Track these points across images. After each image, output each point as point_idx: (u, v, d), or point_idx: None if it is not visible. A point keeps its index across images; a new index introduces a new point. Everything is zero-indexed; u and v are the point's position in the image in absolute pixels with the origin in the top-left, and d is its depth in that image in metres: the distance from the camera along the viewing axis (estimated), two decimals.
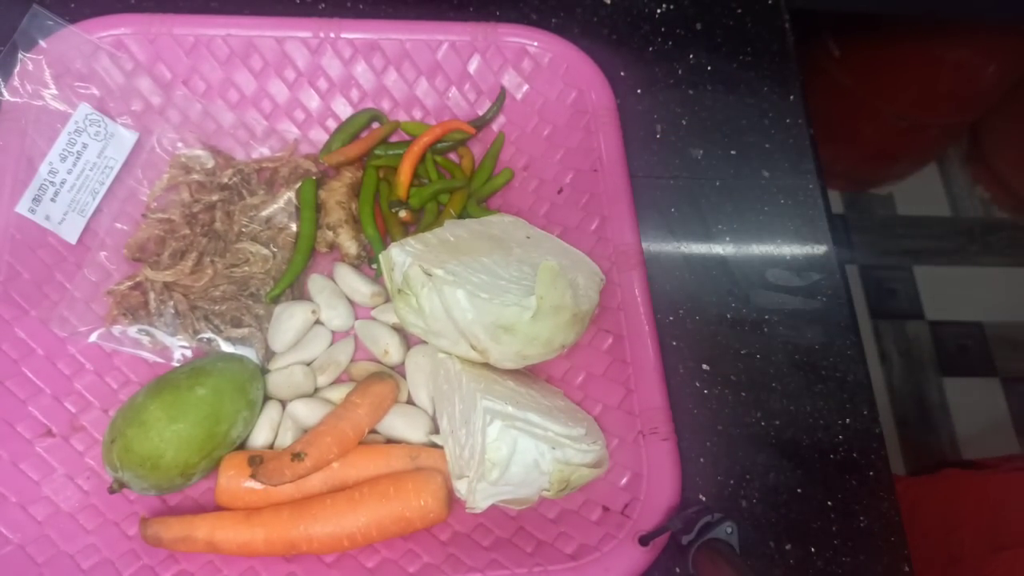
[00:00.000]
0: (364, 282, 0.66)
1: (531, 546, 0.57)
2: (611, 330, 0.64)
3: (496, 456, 0.51)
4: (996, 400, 1.67)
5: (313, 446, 0.56)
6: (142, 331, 0.62)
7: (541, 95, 0.74)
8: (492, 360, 0.56)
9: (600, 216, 0.68)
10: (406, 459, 0.59)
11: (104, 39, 0.67)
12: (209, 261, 0.64)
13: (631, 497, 0.58)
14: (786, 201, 0.76)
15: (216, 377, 0.57)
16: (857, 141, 1.70)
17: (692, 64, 0.81)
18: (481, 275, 0.55)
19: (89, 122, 0.64)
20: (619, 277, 0.65)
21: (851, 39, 1.53)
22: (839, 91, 1.59)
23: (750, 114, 0.80)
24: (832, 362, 0.70)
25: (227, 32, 0.69)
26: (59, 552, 0.55)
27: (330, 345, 0.65)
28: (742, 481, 0.64)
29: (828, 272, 0.74)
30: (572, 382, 0.64)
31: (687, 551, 0.53)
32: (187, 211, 0.65)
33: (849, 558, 0.63)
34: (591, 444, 0.55)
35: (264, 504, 0.56)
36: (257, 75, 0.71)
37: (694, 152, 0.77)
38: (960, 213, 1.87)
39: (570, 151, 0.72)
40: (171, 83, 0.69)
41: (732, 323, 0.70)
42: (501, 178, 0.72)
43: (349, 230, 0.67)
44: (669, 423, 0.60)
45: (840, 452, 0.66)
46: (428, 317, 0.55)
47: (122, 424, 0.54)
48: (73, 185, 0.63)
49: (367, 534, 0.55)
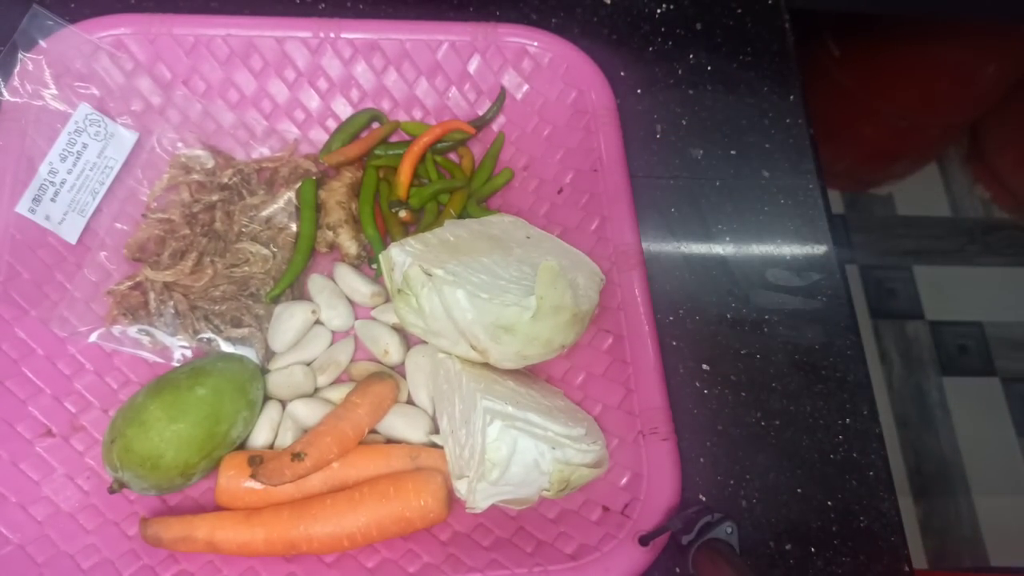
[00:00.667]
0: (364, 282, 0.66)
1: (531, 546, 0.57)
2: (611, 330, 0.64)
3: (496, 456, 0.51)
4: (996, 400, 1.67)
5: (313, 446, 0.56)
6: (142, 331, 0.62)
7: (541, 95, 0.74)
8: (492, 360, 0.56)
9: (600, 216, 0.68)
10: (406, 459, 0.59)
11: (104, 39, 0.67)
12: (209, 261, 0.64)
13: (631, 497, 0.58)
14: (786, 201, 0.76)
15: (216, 377, 0.57)
16: (857, 141, 1.70)
17: (692, 64, 0.81)
18: (481, 275, 0.55)
19: (89, 122, 0.64)
20: (619, 277, 0.65)
21: (851, 39, 1.53)
22: (839, 91, 1.59)
23: (750, 114, 0.80)
24: (832, 362, 0.70)
25: (227, 32, 0.69)
26: (59, 552, 0.55)
27: (330, 345, 0.65)
28: (742, 481, 0.64)
29: (828, 272, 0.74)
30: (572, 382, 0.64)
31: (687, 551, 0.53)
32: (187, 211, 0.65)
33: (849, 558, 0.63)
34: (591, 444, 0.55)
35: (264, 504, 0.56)
36: (257, 75, 0.71)
37: (694, 152, 0.77)
38: (960, 213, 1.87)
39: (570, 151, 0.72)
40: (171, 83, 0.69)
41: (732, 323, 0.70)
42: (501, 178, 0.72)
43: (349, 230, 0.67)
44: (669, 423, 0.60)
45: (840, 452, 0.66)
46: (428, 317, 0.55)
47: (122, 424, 0.54)
48: (73, 185, 0.63)
49: (367, 534, 0.55)
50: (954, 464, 1.58)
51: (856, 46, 1.54)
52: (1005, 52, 1.48)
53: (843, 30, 1.54)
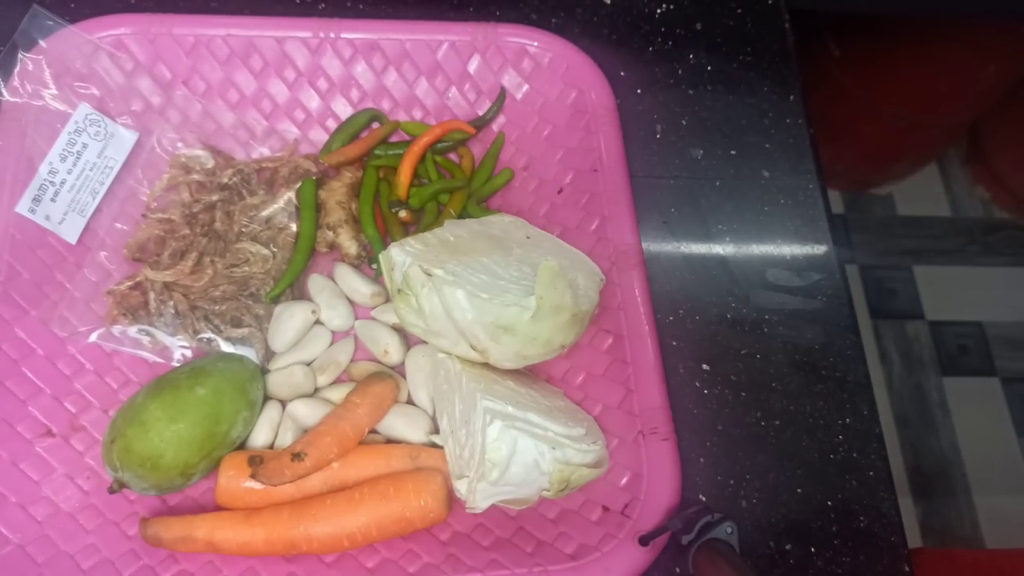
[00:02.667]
0: (364, 282, 0.66)
1: (531, 546, 0.57)
2: (611, 330, 0.64)
3: (496, 456, 0.51)
4: (996, 400, 1.67)
5: (313, 446, 0.56)
6: (142, 331, 0.62)
7: (541, 95, 0.74)
8: (492, 360, 0.56)
9: (600, 216, 0.68)
10: (406, 459, 0.59)
11: (104, 39, 0.67)
12: (209, 261, 0.64)
13: (631, 497, 0.58)
14: (786, 201, 0.76)
15: (216, 377, 0.57)
16: (857, 141, 1.70)
17: (692, 64, 0.81)
18: (481, 275, 0.55)
19: (89, 122, 0.64)
20: (619, 277, 0.65)
21: (851, 39, 1.53)
22: (839, 91, 1.59)
23: (750, 114, 0.80)
24: (832, 362, 0.70)
25: (227, 32, 0.69)
26: (59, 552, 0.55)
27: (330, 345, 0.65)
28: (742, 481, 0.64)
29: (828, 272, 0.74)
30: (572, 382, 0.64)
31: (687, 551, 0.53)
32: (187, 211, 0.65)
33: (849, 558, 0.63)
34: (591, 444, 0.55)
35: (264, 504, 0.56)
36: (257, 75, 0.71)
37: (694, 152, 0.77)
38: (960, 213, 1.87)
39: (570, 151, 0.72)
40: (171, 83, 0.69)
41: (732, 323, 0.70)
42: (501, 178, 0.72)
43: (349, 230, 0.67)
44: (669, 423, 0.60)
45: (840, 452, 0.66)
46: (428, 317, 0.55)
47: (122, 424, 0.54)
48: (73, 185, 0.63)
49: (367, 534, 0.55)
50: (954, 464, 1.58)
51: (856, 46, 1.54)
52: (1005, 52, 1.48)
53: (843, 30, 1.54)
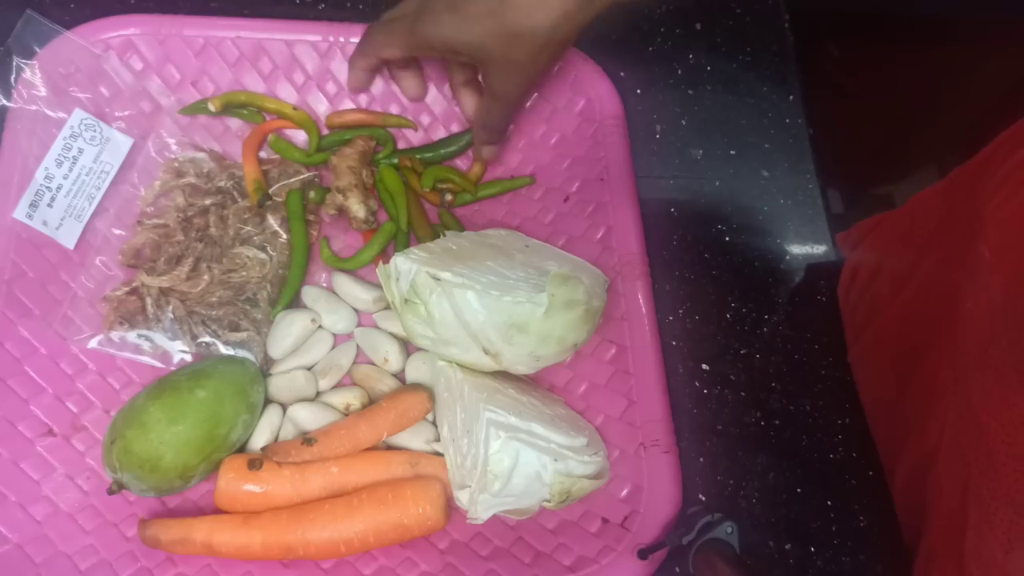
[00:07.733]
0: (363, 289, 0.65)
1: (529, 557, 0.57)
2: (615, 340, 0.63)
3: (498, 468, 0.51)
4: None
5: (326, 435, 0.57)
6: (141, 336, 0.62)
7: (549, 103, 0.73)
8: (505, 364, 0.55)
9: (606, 225, 0.67)
10: (406, 466, 0.58)
11: (112, 40, 0.67)
12: (205, 267, 0.64)
13: (631, 509, 0.58)
14: (786, 201, 0.76)
15: (217, 380, 0.57)
16: (857, 141, 1.70)
17: (692, 64, 0.81)
18: (489, 276, 0.54)
19: (84, 127, 0.64)
20: (623, 287, 0.65)
21: (851, 39, 1.53)
22: (839, 91, 1.58)
23: (750, 114, 0.79)
24: (832, 362, 0.70)
25: (237, 34, 0.69)
26: (57, 552, 0.55)
27: (332, 349, 0.65)
28: (742, 481, 0.64)
29: (828, 272, 0.74)
30: (574, 392, 0.64)
31: (687, 551, 0.53)
32: (182, 216, 0.65)
33: (849, 558, 0.62)
34: (592, 455, 0.54)
35: (263, 508, 0.56)
36: (266, 77, 0.71)
37: (694, 152, 0.77)
38: None
39: (577, 159, 0.71)
40: (180, 84, 0.69)
41: (732, 323, 0.70)
42: (519, 182, 0.72)
43: (358, 194, 0.66)
44: (671, 435, 0.60)
45: (840, 452, 0.66)
46: (438, 325, 0.54)
47: (122, 425, 0.54)
48: (69, 190, 0.63)
49: (365, 540, 0.55)
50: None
51: (856, 46, 1.53)
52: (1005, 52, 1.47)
53: (843, 30, 1.53)
